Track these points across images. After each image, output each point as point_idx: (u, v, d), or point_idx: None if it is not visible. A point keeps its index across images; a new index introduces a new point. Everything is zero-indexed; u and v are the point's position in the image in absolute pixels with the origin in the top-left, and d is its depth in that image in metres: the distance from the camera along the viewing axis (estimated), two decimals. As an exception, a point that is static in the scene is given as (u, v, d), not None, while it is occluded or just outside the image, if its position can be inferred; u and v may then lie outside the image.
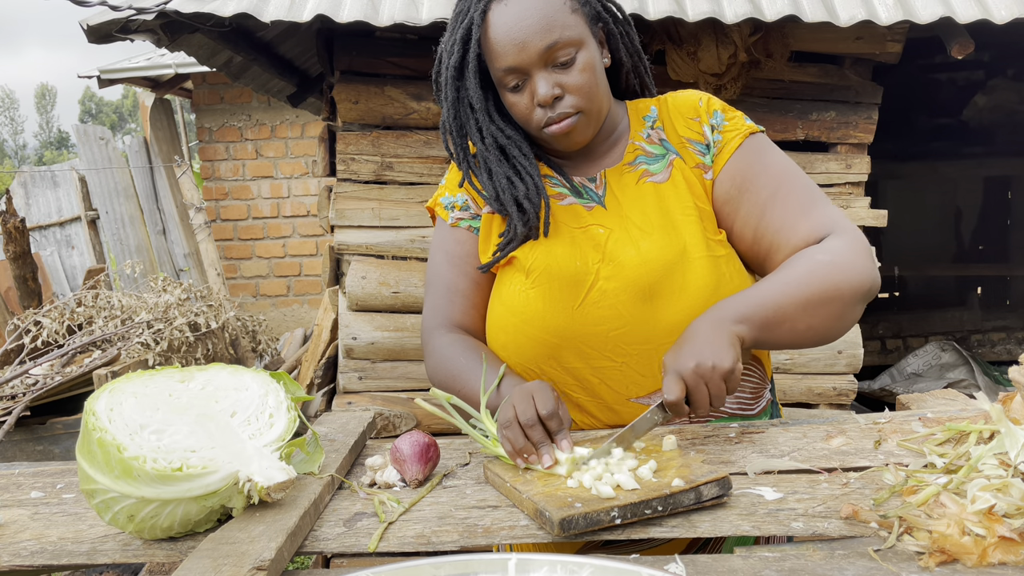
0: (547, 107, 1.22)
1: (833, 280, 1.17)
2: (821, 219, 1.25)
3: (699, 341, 1.10)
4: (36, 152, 49.91)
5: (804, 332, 1.18)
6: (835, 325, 1.20)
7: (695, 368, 1.07)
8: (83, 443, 0.97)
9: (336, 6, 2.59)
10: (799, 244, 1.24)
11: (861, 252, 1.21)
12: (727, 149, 1.30)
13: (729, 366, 1.07)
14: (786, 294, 1.16)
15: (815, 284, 1.16)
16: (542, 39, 1.19)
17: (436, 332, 1.37)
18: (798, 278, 1.17)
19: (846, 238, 1.22)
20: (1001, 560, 0.78)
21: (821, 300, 1.16)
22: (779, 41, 2.87)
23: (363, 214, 3.06)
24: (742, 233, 1.30)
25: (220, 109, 7.26)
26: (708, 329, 1.11)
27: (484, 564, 0.79)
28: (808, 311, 1.16)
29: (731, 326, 1.12)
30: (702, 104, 1.33)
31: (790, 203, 1.26)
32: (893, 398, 4.09)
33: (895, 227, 3.63)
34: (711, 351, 1.08)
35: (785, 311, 1.15)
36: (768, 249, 1.28)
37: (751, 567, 0.80)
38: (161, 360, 3.65)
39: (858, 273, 1.18)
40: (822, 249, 1.20)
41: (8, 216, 4.51)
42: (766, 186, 1.28)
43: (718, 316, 1.13)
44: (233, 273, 7.42)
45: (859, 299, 1.19)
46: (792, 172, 1.31)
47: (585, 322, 1.24)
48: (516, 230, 1.28)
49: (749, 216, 1.28)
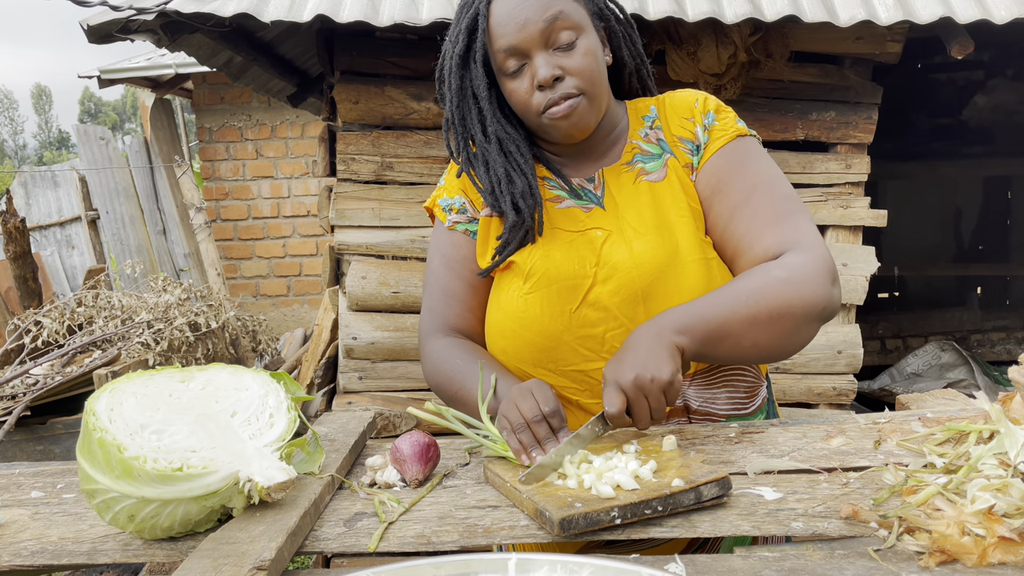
0: (547, 88, 1.22)
1: (785, 297, 1.13)
2: (788, 233, 1.21)
3: (639, 352, 1.08)
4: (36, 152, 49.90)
5: (749, 348, 1.15)
6: (783, 343, 1.17)
7: (634, 380, 1.05)
8: (83, 443, 0.97)
9: (336, 6, 2.59)
10: (760, 255, 1.21)
11: (819, 271, 1.16)
12: (710, 149, 1.30)
13: (667, 378, 1.05)
14: (733, 308, 1.13)
15: (765, 300, 1.13)
16: (542, 15, 1.20)
17: (433, 336, 1.38)
18: (748, 292, 1.14)
19: (807, 256, 1.18)
20: (1001, 560, 0.78)
21: (770, 317, 1.13)
22: (779, 41, 2.87)
23: (363, 214, 3.06)
24: (710, 234, 1.29)
25: (220, 109, 7.26)
26: (648, 340, 1.10)
27: (484, 564, 0.79)
28: (755, 327, 1.13)
29: (672, 336, 1.10)
30: (698, 104, 1.33)
31: (760, 212, 1.24)
32: (893, 398, 4.09)
33: (895, 227, 3.63)
34: (650, 363, 1.06)
35: (730, 326, 1.13)
36: (732, 255, 1.26)
37: (751, 567, 0.80)
38: (161, 360, 3.65)
39: (812, 292, 1.15)
40: (779, 264, 1.18)
41: (8, 216, 4.51)
42: (740, 190, 1.26)
43: (660, 327, 1.12)
44: (233, 273, 7.42)
45: (811, 319, 1.16)
46: (771, 181, 1.27)
47: (582, 324, 1.25)
48: (511, 227, 1.28)
49: (718, 218, 1.27)
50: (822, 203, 3.06)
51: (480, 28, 1.24)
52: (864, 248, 3.07)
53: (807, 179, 3.06)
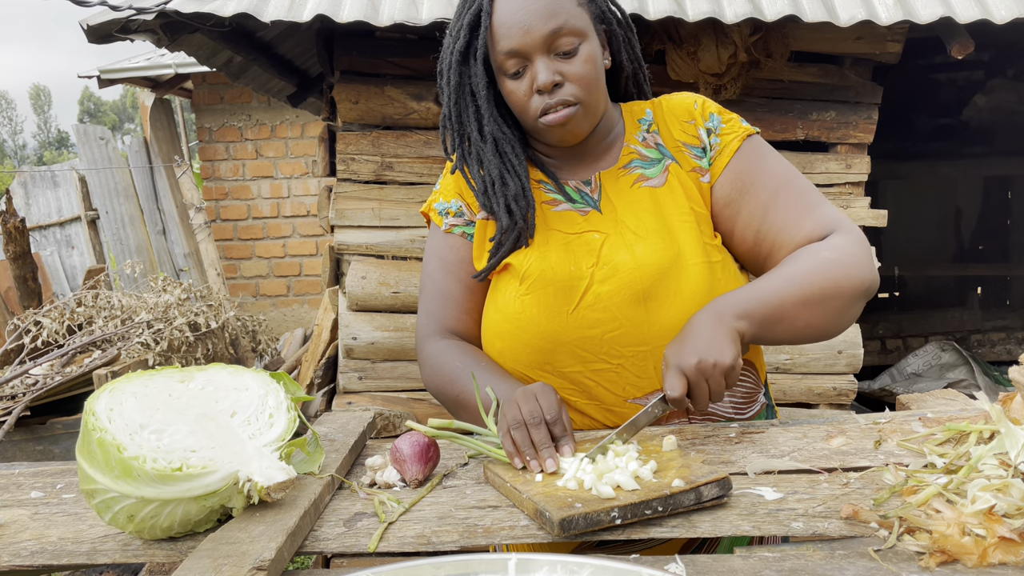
0: (546, 94, 1.22)
1: (834, 277, 1.18)
2: (824, 218, 1.26)
3: (701, 337, 1.10)
4: (36, 152, 49.88)
5: (803, 329, 1.19)
6: (834, 322, 1.21)
7: (697, 364, 1.08)
8: (83, 443, 0.96)
9: (336, 6, 2.59)
10: (802, 242, 1.25)
11: (863, 251, 1.22)
12: (726, 152, 1.30)
13: (730, 362, 1.08)
14: (787, 291, 1.17)
15: (817, 281, 1.17)
16: (547, 23, 1.19)
17: (431, 339, 1.38)
18: (801, 275, 1.18)
19: (849, 236, 1.23)
20: (1001, 560, 0.78)
21: (822, 297, 1.17)
22: (779, 41, 2.87)
23: (363, 214, 3.06)
24: (743, 235, 1.30)
25: (220, 109, 7.26)
26: (709, 324, 1.12)
27: (484, 564, 0.79)
28: (808, 308, 1.17)
29: (732, 321, 1.13)
30: (697, 107, 1.33)
31: (792, 203, 1.27)
32: (893, 398, 4.09)
33: (895, 227, 3.63)
34: (713, 347, 1.09)
35: (785, 308, 1.16)
36: (770, 249, 1.28)
37: (751, 567, 0.80)
38: (161, 360, 3.65)
39: (859, 271, 1.19)
40: (826, 246, 1.22)
41: (8, 216, 4.51)
42: (767, 187, 1.29)
43: (719, 311, 1.14)
44: (233, 273, 7.42)
45: (859, 297, 1.21)
46: (791, 173, 1.32)
47: (580, 326, 1.24)
48: (504, 229, 1.28)
49: (751, 217, 1.29)
50: (822, 203, 3.05)
51: (483, 25, 1.23)
52: (864, 248, 3.06)
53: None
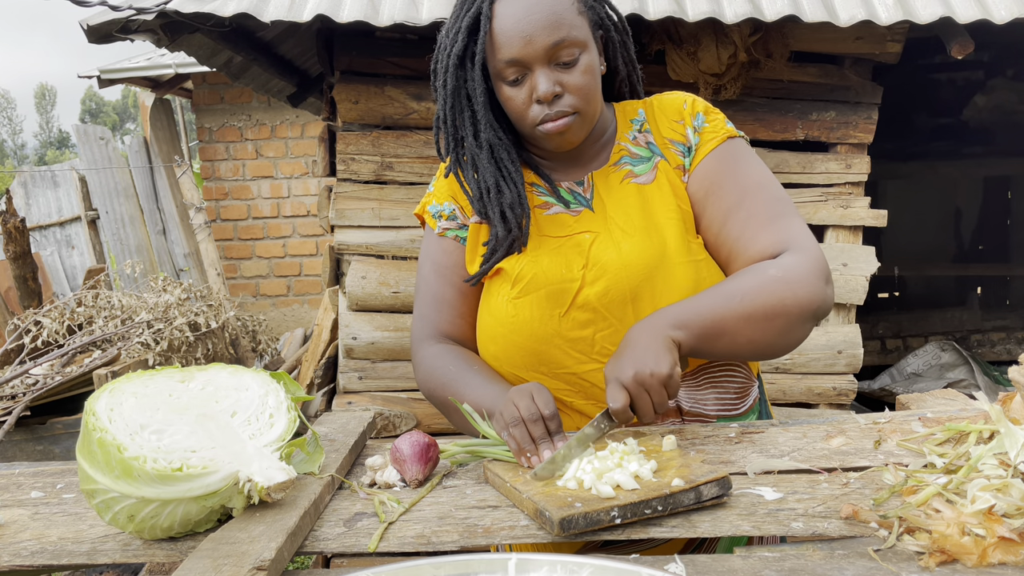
0: (545, 104, 1.22)
1: (780, 296, 1.16)
2: (782, 233, 1.23)
3: (637, 348, 1.11)
4: (36, 152, 49.89)
5: (745, 345, 1.18)
6: (780, 340, 1.19)
7: (634, 376, 1.08)
8: (83, 443, 0.97)
9: (336, 6, 2.59)
10: (756, 256, 1.23)
11: (813, 271, 1.19)
12: (702, 151, 1.31)
13: (666, 372, 1.08)
14: (727, 306, 1.16)
15: (760, 299, 1.16)
16: (549, 35, 1.19)
17: (425, 343, 1.38)
18: (743, 291, 1.17)
19: (802, 256, 1.20)
20: (1001, 560, 0.78)
21: (765, 315, 1.15)
22: (779, 41, 2.87)
23: (363, 214, 3.06)
24: (705, 237, 1.30)
25: (220, 109, 7.26)
26: (645, 336, 1.12)
27: (484, 564, 0.79)
28: (751, 324, 1.16)
29: (668, 331, 1.12)
30: (687, 106, 1.33)
31: (754, 213, 1.25)
32: (893, 398, 4.09)
33: (895, 227, 3.63)
34: (648, 358, 1.09)
35: (726, 322, 1.15)
36: (728, 256, 1.28)
37: (751, 567, 0.80)
38: (161, 360, 3.65)
39: (807, 291, 1.17)
40: (775, 264, 1.20)
41: (8, 216, 4.51)
42: (732, 192, 1.27)
43: (656, 323, 1.14)
44: (233, 273, 7.42)
45: (806, 317, 1.18)
46: (762, 182, 1.29)
47: (572, 327, 1.25)
48: (498, 236, 1.28)
49: (712, 221, 1.28)
50: (822, 203, 3.06)
51: (482, 30, 1.22)
52: (864, 248, 3.07)
53: (807, 179, 3.06)
